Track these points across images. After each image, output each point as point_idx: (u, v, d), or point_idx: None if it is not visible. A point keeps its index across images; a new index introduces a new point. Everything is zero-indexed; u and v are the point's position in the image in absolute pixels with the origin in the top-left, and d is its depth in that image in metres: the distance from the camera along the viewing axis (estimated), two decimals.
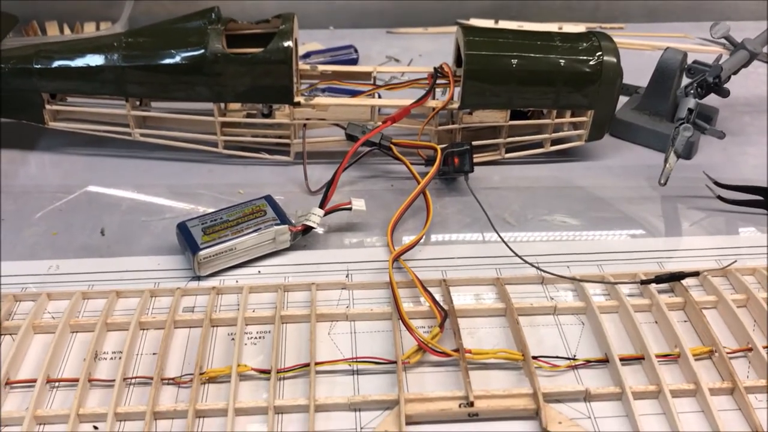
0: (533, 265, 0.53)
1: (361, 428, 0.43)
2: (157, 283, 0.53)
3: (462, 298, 0.52)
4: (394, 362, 0.46)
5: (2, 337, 0.48)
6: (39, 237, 0.58)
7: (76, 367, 0.46)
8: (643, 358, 0.47)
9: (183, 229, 0.54)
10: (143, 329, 0.49)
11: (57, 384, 0.45)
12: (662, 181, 0.57)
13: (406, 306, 0.50)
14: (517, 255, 0.54)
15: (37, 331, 0.48)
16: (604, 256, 0.57)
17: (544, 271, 0.53)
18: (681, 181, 0.65)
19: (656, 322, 0.50)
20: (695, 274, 0.52)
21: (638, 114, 0.71)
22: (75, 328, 0.49)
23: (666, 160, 0.58)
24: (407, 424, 0.42)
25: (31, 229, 0.59)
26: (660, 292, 0.52)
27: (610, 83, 0.63)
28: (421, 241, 0.57)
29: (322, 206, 0.56)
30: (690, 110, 0.59)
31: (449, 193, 0.64)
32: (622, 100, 0.74)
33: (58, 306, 0.50)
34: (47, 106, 0.65)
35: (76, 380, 0.44)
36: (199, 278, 0.53)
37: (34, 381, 0.44)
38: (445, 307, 0.50)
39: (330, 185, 0.56)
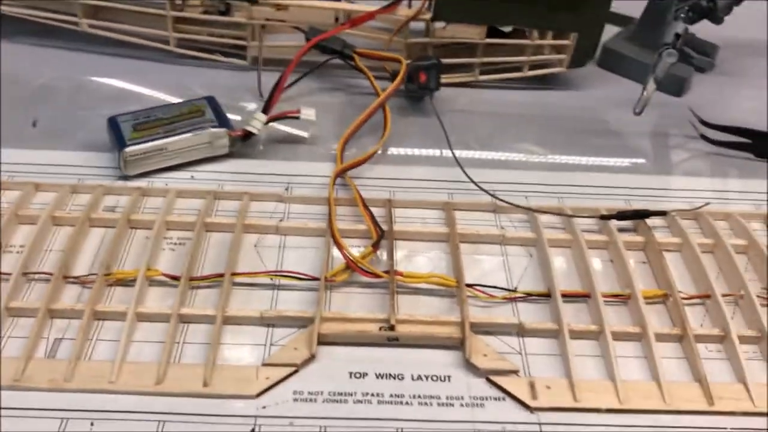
0: (487, 192, 0.49)
1: (272, 344, 0.40)
2: (81, 180, 0.49)
3: (406, 222, 0.48)
4: (318, 279, 0.42)
5: None
6: None
7: None
8: (589, 296, 0.43)
9: (113, 123, 0.50)
10: (57, 225, 0.46)
11: None
12: (637, 110, 0.52)
13: (344, 225, 0.47)
14: (471, 180, 0.49)
15: None
16: (568, 189, 0.52)
17: (498, 199, 0.49)
18: (666, 119, 0.60)
19: (611, 261, 0.46)
20: (662, 213, 0.48)
21: (629, 44, 0.66)
22: None
23: (644, 88, 0.53)
24: (320, 343, 0.39)
25: None
26: (622, 230, 0.47)
27: (598, 5, 0.58)
28: (374, 159, 0.52)
29: (265, 111, 0.52)
30: (677, 35, 0.53)
31: (412, 113, 0.60)
32: (613, 30, 0.69)
33: None
34: None
35: None
36: (126, 178, 0.49)
37: None
38: (385, 227, 0.46)
39: (275, 88, 0.51)
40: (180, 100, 0.55)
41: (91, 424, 0.35)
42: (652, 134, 0.59)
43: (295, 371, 0.38)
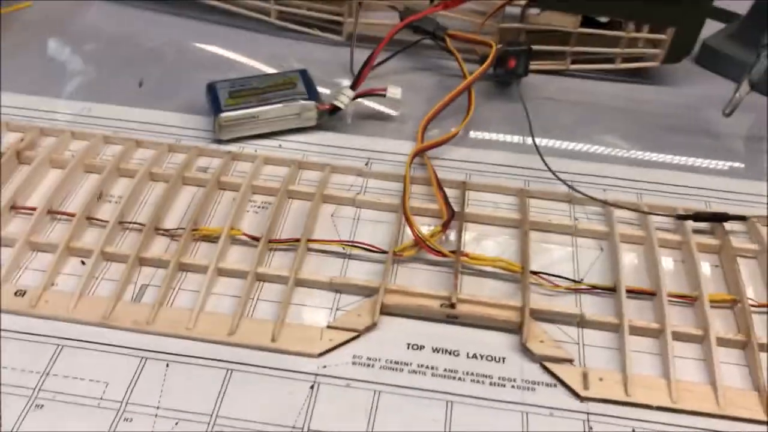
0: (564, 182, 0.49)
1: (338, 309, 0.42)
2: (179, 140, 0.53)
3: (478, 205, 0.49)
4: (386, 252, 0.44)
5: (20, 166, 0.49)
6: (83, 78, 0.59)
7: (81, 205, 0.46)
8: (655, 294, 0.43)
9: (211, 89, 0.53)
10: (153, 180, 0.49)
11: (58, 217, 0.46)
12: (727, 111, 0.51)
13: (417, 203, 0.48)
14: (549, 168, 0.50)
15: (54, 165, 0.50)
16: (649, 186, 0.52)
17: (574, 189, 0.49)
18: (760, 122, 0.58)
19: (683, 262, 0.46)
20: (741, 218, 0.47)
21: (731, 43, 0.64)
22: (89, 169, 0.50)
23: (737, 89, 0.51)
24: (382, 313, 0.41)
25: (77, 70, 0.60)
26: (697, 232, 0.47)
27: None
28: (454, 141, 0.53)
29: (353, 87, 0.53)
30: None
31: (499, 97, 0.60)
32: (716, 26, 0.66)
33: (80, 146, 0.51)
34: None
35: (75, 215, 0.45)
36: (219, 142, 0.53)
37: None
38: (457, 209, 0.47)
39: (365, 65, 0.53)
40: (275, 71, 0.58)
41: (167, 365, 0.38)
42: (743, 137, 0.57)
43: (357, 336, 0.40)
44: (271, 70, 0.60)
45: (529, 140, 0.53)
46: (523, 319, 0.40)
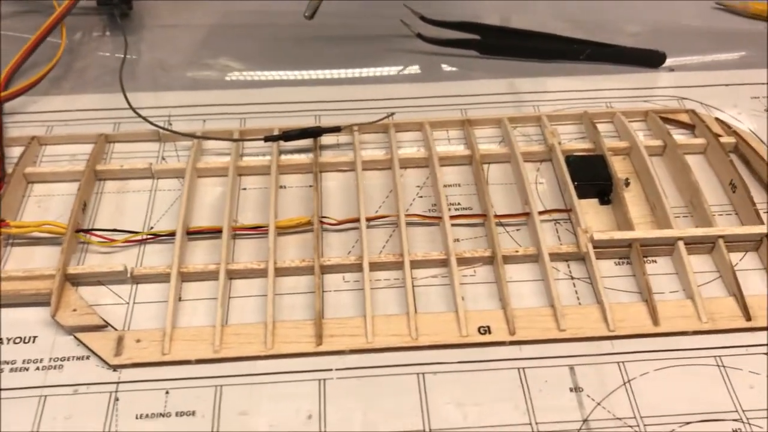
0: (146, 119, 0.43)
1: None
2: None
3: (52, 161, 0.43)
4: None
5: None
6: None
7: None
8: (220, 231, 0.38)
9: None
10: None
11: None
12: (307, 14, 0.46)
13: None
14: (131, 107, 0.44)
15: None
16: (257, 108, 0.47)
17: (158, 126, 0.43)
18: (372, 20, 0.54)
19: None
20: (336, 129, 0.43)
21: None
22: None
23: None
24: None
25: None
26: (302, 151, 0.43)
27: None
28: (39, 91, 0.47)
29: None
30: None
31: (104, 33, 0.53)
32: None
33: None
34: None
35: None
36: None
37: None
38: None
39: None
40: None
41: None
42: (353, 39, 0.53)
43: None
44: None
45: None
46: (53, 288, 0.35)
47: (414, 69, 0.51)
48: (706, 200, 0.39)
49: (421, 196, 0.41)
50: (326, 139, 0.44)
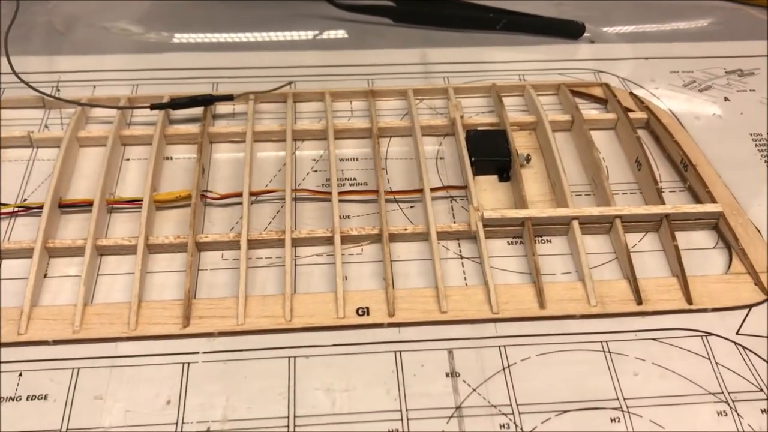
0: (29, 84, 0.41)
1: None
2: None
3: None
4: None
5: None
6: None
7: None
8: (91, 204, 0.36)
9: None
10: None
11: None
12: None
13: None
14: (14, 72, 0.41)
15: None
16: (158, 74, 0.45)
17: (41, 93, 0.41)
18: None
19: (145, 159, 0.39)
20: (228, 97, 0.41)
21: None
22: None
23: None
24: None
25: None
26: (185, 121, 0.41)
27: None
28: None
29: None
30: None
31: None
32: None
33: None
34: None
35: None
36: None
37: None
38: None
39: None
40: None
41: None
42: (258, 3, 0.50)
43: None
44: None
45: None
46: None
47: (323, 36, 0.49)
48: (606, 177, 0.37)
49: (315, 171, 0.39)
50: (222, 108, 0.42)
